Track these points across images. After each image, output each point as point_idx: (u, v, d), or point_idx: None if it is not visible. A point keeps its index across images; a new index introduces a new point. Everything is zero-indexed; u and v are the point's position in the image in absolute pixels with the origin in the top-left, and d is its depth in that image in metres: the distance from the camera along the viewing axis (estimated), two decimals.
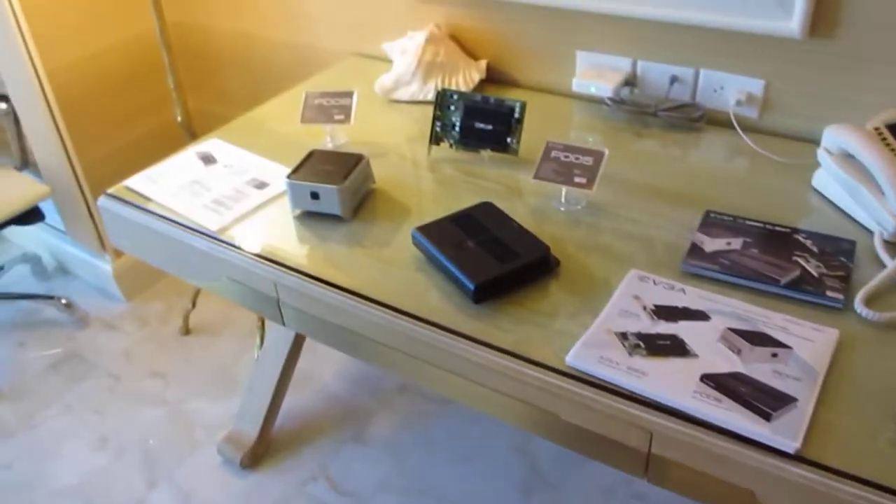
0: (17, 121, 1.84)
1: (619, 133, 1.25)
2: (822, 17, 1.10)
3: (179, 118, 1.68)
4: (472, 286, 0.89)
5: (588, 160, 1.05)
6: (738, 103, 1.21)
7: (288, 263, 1.00)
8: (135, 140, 1.94)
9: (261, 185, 1.16)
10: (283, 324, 1.06)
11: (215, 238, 1.06)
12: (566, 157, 1.06)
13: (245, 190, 1.15)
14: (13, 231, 2.28)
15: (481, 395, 0.88)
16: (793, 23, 1.10)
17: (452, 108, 1.19)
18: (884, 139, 0.99)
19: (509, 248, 0.94)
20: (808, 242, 0.95)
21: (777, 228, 0.97)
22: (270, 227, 1.07)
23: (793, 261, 0.91)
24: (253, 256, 1.02)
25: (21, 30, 1.62)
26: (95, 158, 1.86)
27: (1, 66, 1.73)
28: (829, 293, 0.86)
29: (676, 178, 1.12)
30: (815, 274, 0.89)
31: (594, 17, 1.28)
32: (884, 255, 0.92)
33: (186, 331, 1.94)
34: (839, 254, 0.92)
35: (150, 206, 1.13)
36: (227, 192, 1.15)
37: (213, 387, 1.80)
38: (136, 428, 1.64)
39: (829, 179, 1.04)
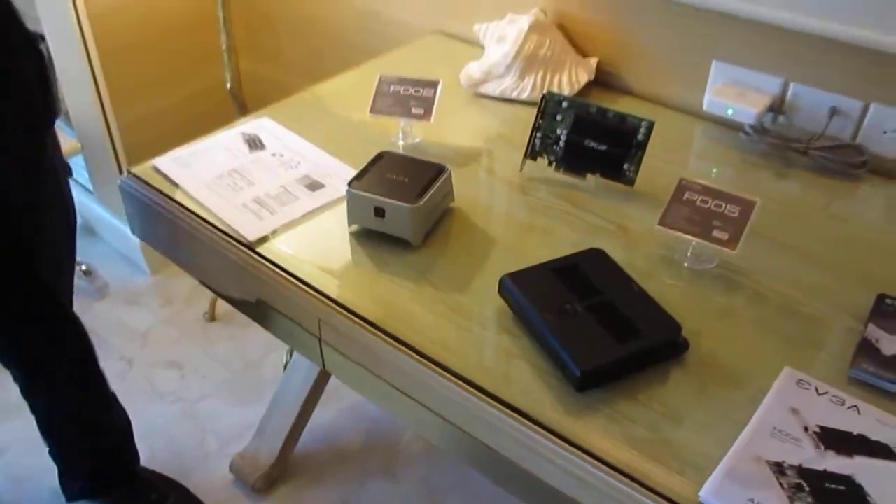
0: (51, 63, 1.65)
1: (755, 170, 1.01)
2: None
3: (229, 85, 1.47)
4: (577, 371, 0.67)
5: (733, 210, 0.81)
6: None
7: (337, 298, 0.79)
8: (178, 102, 1.74)
9: (314, 186, 0.95)
10: (324, 367, 0.85)
11: (251, 250, 0.85)
12: (703, 201, 0.83)
13: (294, 189, 0.94)
14: None
15: None
16: None
17: (559, 117, 0.96)
18: None
19: (629, 321, 0.71)
20: None
21: None
22: (321, 245, 0.86)
23: None
24: (295, 282, 0.81)
25: None
26: (133, 118, 1.66)
27: (40, 2, 1.55)
28: None
29: (832, 240, 0.88)
30: None
31: (740, 21, 1.03)
32: None
33: (212, 317, 1.75)
34: None
35: (178, 196, 0.93)
36: (273, 189, 0.94)
37: (233, 387, 1.60)
38: (143, 425, 1.46)
39: None
